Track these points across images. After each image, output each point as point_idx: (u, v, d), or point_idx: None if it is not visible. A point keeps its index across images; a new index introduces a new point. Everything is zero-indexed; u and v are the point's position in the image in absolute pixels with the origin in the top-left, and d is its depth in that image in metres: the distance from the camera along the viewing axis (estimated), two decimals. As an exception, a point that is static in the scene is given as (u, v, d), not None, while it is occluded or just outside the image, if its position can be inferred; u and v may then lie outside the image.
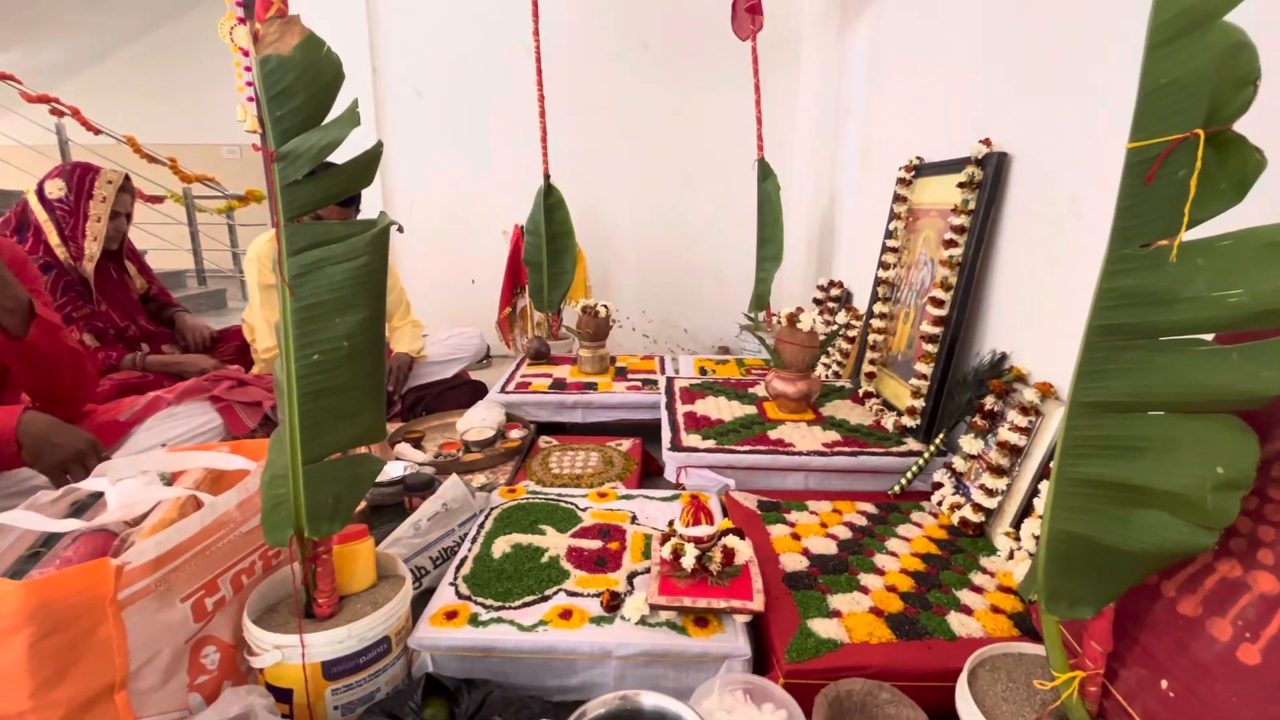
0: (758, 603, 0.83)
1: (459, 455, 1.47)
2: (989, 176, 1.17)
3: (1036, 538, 0.89)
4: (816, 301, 1.95)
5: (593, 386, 1.77)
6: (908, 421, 1.26)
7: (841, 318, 1.61)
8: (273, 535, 0.73)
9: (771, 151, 2.13)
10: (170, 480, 0.81)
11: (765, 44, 2.11)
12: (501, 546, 1.00)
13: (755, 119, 2.05)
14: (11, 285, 1.05)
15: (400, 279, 2.16)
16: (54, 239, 1.57)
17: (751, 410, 1.42)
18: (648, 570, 0.94)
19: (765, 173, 2.04)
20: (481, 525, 1.07)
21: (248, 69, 2.53)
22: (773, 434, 1.28)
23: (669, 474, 1.23)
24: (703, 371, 1.86)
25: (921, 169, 1.46)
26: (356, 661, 0.76)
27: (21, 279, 1.26)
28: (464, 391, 2.01)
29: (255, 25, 0.63)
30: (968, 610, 0.84)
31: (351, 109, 0.66)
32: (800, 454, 1.19)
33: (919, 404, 1.25)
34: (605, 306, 1.86)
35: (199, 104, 5.90)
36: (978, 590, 0.88)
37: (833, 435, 1.28)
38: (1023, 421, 0.97)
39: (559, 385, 1.79)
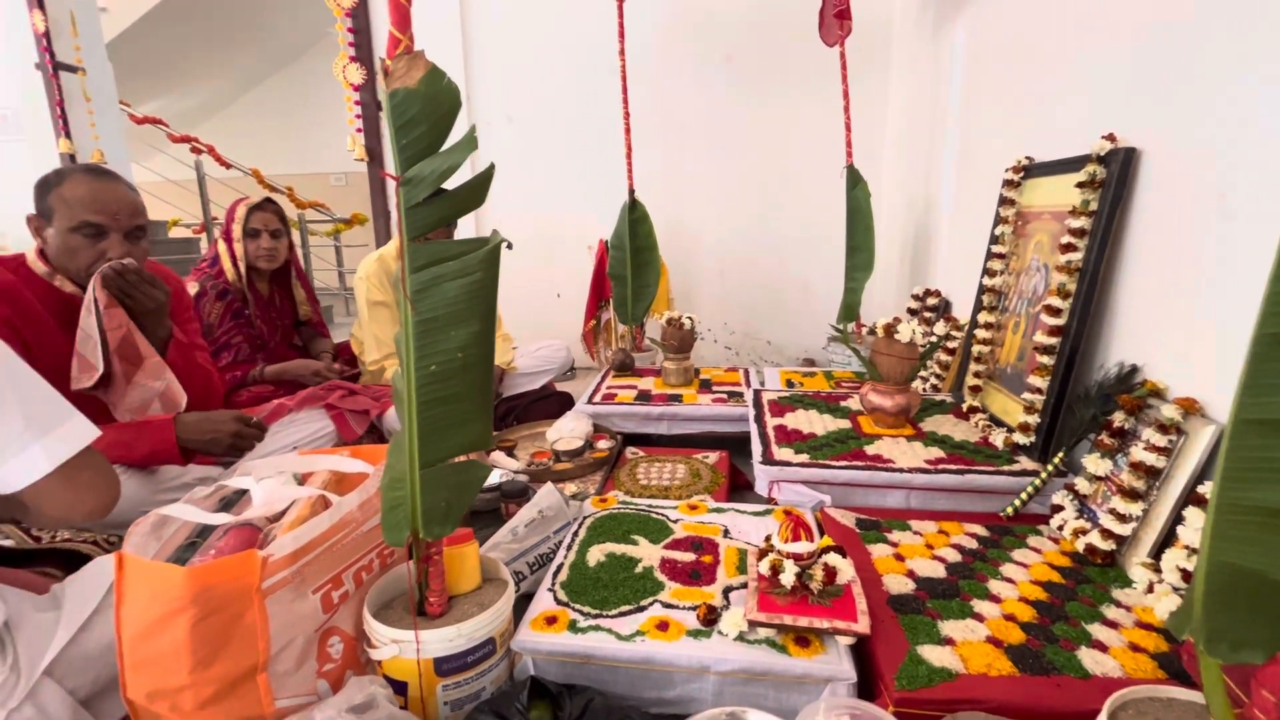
0: (863, 625, 0.79)
1: (550, 464, 1.51)
2: (1113, 175, 1.08)
3: (1182, 570, 0.81)
4: (911, 311, 1.86)
5: (678, 398, 1.77)
6: (1020, 439, 1.18)
7: (940, 328, 1.53)
8: (391, 535, 0.78)
9: (860, 158, 2.07)
10: (302, 480, 0.88)
11: (853, 49, 2.07)
12: (596, 555, 1.02)
13: (844, 125, 2.00)
14: (165, 319, 1.24)
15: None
16: (226, 263, 1.78)
17: (845, 424, 1.37)
18: (744, 585, 0.92)
19: (855, 180, 1.98)
20: (576, 533, 1.09)
21: (357, 103, 2.75)
22: (869, 449, 1.23)
23: (760, 488, 1.21)
24: (790, 384, 1.83)
25: (1031, 169, 1.37)
26: (465, 660, 0.79)
27: (176, 308, 1.45)
28: (552, 402, 2.07)
29: (386, 61, 0.69)
30: (1101, 646, 0.76)
31: (469, 135, 0.70)
32: (901, 471, 1.14)
33: (1033, 420, 1.16)
34: (690, 319, 1.86)
35: (310, 137, 6.47)
36: (1112, 625, 0.80)
37: (935, 452, 1.22)
38: (1161, 441, 0.88)
39: (644, 397, 1.80)
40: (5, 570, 0.94)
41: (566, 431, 1.60)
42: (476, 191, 0.74)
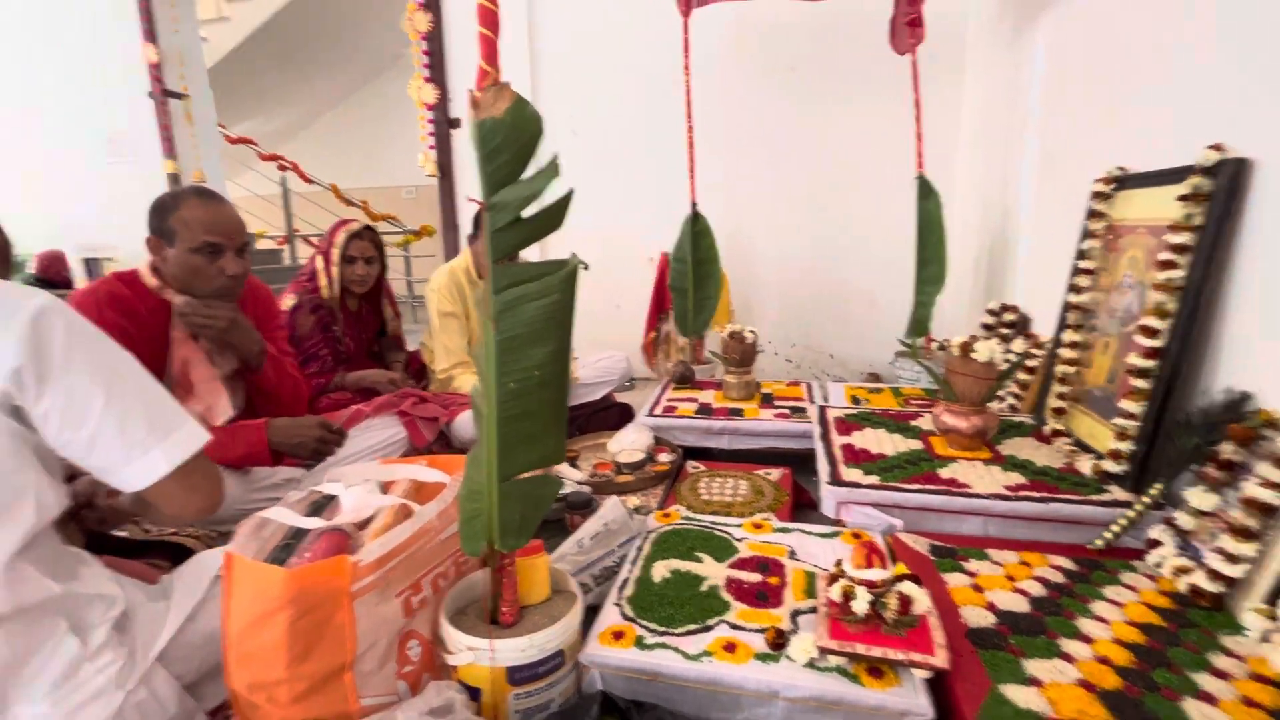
0: (941, 658, 0.76)
1: (612, 476, 1.53)
2: (1221, 187, 1.01)
3: (1304, 619, 0.74)
4: (986, 327, 1.79)
5: (739, 413, 1.76)
6: (1111, 466, 1.11)
7: (1018, 345, 1.46)
8: (469, 545, 0.81)
9: (930, 168, 2.01)
10: (384, 488, 0.92)
11: (923, 56, 2.01)
12: (661, 571, 1.02)
13: (915, 135, 1.95)
14: (252, 333, 1.34)
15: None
16: (321, 279, 1.91)
17: (916, 445, 1.32)
18: (813, 610, 0.91)
19: (926, 190, 1.92)
20: (640, 548, 1.10)
21: (430, 121, 2.87)
22: (944, 472, 1.19)
23: (827, 509, 1.19)
24: (855, 400, 1.78)
25: (1124, 181, 1.29)
26: (536, 670, 0.81)
27: (264, 317, 1.56)
28: (612, 413, 2.09)
29: (474, 93, 0.72)
30: (1209, 699, 0.71)
31: (551, 163, 0.73)
32: (979, 497, 1.09)
33: (1125, 447, 1.09)
34: (752, 332, 1.85)
35: (383, 153, 6.80)
36: (1221, 675, 0.74)
37: (1015, 477, 1.16)
38: (1278, 476, 0.81)
39: (705, 410, 1.80)
40: (121, 560, 1.02)
41: (628, 444, 1.61)
42: (555, 215, 0.76)
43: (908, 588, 0.81)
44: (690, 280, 2.16)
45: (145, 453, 0.78)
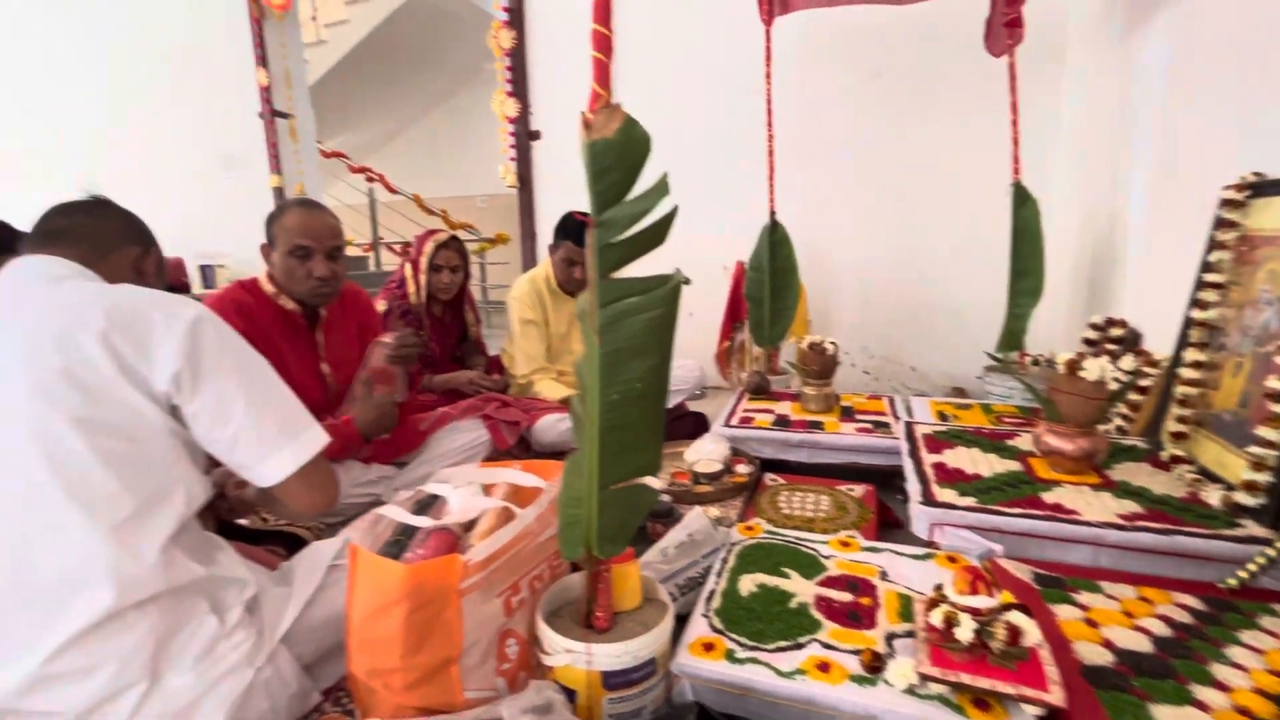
0: (1055, 695, 0.72)
1: (690, 486, 1.53)
2: (1381, 195, 0.91)
3: None
4: (1088, 342, 1.68)
5: (818, 426, 1.72)
6: (1244, 499, 1.02)
7: (1128, 363, 1.37)
8: (568, 549, 0.84)
9: (1027, 174, 1.91)
10: (486, 491, 0.96)
11: (1021, 58, 1.92)
12: (748, 585, 1.02)
13: (1011, 140, 1.86)
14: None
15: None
16: (410, 286, 2.02)
17: (1014, 466, 1.26)
18: (909, 634, 0.88)
19: (1022, 198, 1.83)
20: (725, 560, 1.10)
21: (511, 134, 2.98)
22: (1047, 497, 1.12)
23: (919, 530, 1.15)
24: (942, 416, 1.71)
25: (1261, 188, 1.19)
26: (630, 676, 0.82)
27: (368, 321, 1.67)
28: (686, 422, 2.10)
29: (586, 114, 0.75)
30: (1375, 763, 0.64)
31: (661, 182, 0.74)
32: (1090, 525, 1.03)
33: (1262, 478, 1.00)
34: (833, 344, 1.81)
35: (460, 164, 7.10)
36: (1387, 738, 0.67)
37: (1130, 505, 1.08)
38: None
39: (782, 422, 1.77)
40: (246, 546, 1.11)
41: (705, 454, 1.61)
42: (660, 231, 0.78)
43: (1017, 618, 0.78)
44: (767, 290, 2.14)
45: (276, 451, 0.85)
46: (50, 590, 0.73)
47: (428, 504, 0.96)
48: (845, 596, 0.97)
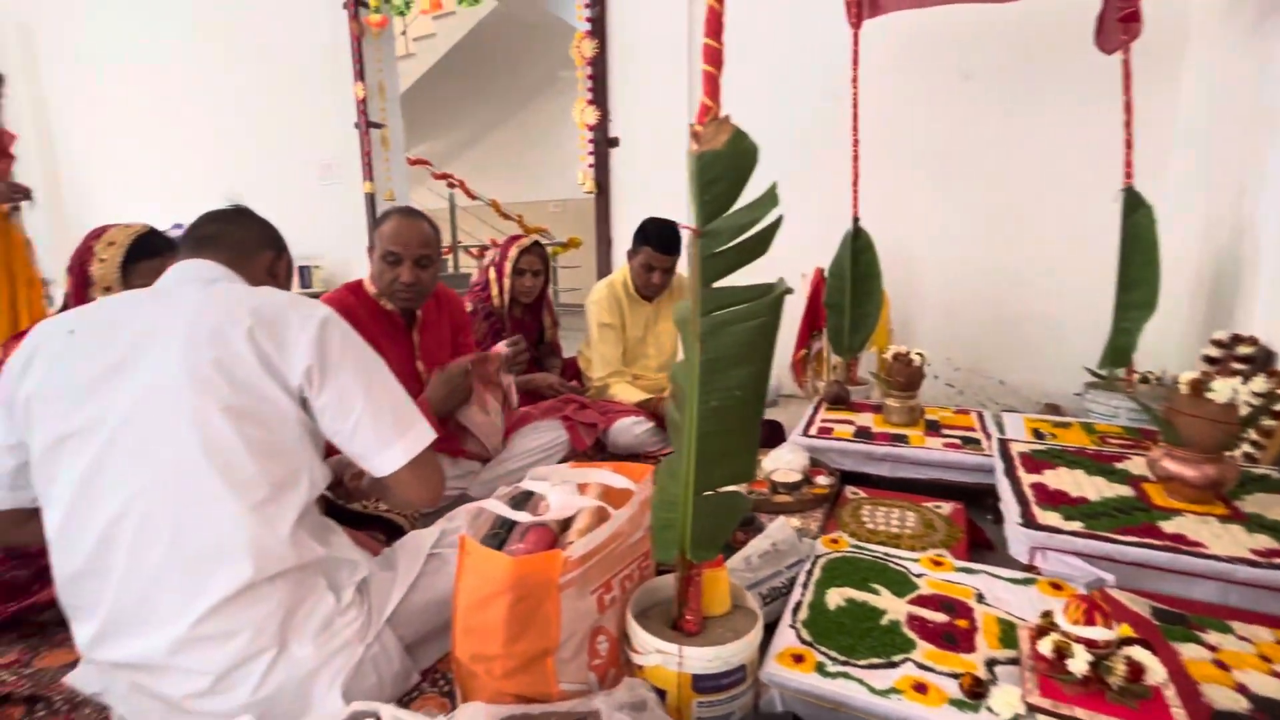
0: (1183, 740, 0.68)
1: (769, 495, 1.52)
2: None
3: None
4: (1209, 360, 1.55)
5: (903, 439, 1.67)
6: (1403, 540, 0.92)
7: (1259, 384, 1.25)
8: (661, 551, 0.85)
9: (1139, 179, 1.78)
10: (579, 490, 0.99)
11: (1135, 54, 1.80)
12: (835, 599, 1.00)
13: (1124, 142, 1.75)
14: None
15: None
16: (494, 289, 2.11)
17: (1126, 491, 1.18)
18: (1012, 661, 0.84)
19: (1135, 204, 1.71)
20: (810, 572, 1.08)
21: (590, 140, 3.05)
22: (1166, 526, 1.05)
23: (1016, 553, 1.10)
24: (1038, 434, 1.62)
25: None
26: (720, 681, 0.83)
27: (460, 322, 1.75)
28: (762, 429, 2.08)
29: (695, 127, 0.77)
30: None
31: (770, 192, 0.75)
32: (1219, 560, 0.95)
33: None
34: (919, 355, 1.75)
35: (534, 170, 7.31)
36: None
37: (1265, 540, 1.00)
38: None
39: (864, 434, 1.73)
40: (351, 530, 1.19)
41: (784, 463, 1.59)
42: (763, 241, 0.78)
43: (1139, 653, 0.73)
44: (848, 297, 2.10)
45: (390, 444, 0.92)
46: (199, 561, 0.81)
47: (523, 500, 0.99)
48: (940, 617, 0.94)
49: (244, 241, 0.99)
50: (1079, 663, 0.74)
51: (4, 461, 0.87)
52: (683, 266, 2.25)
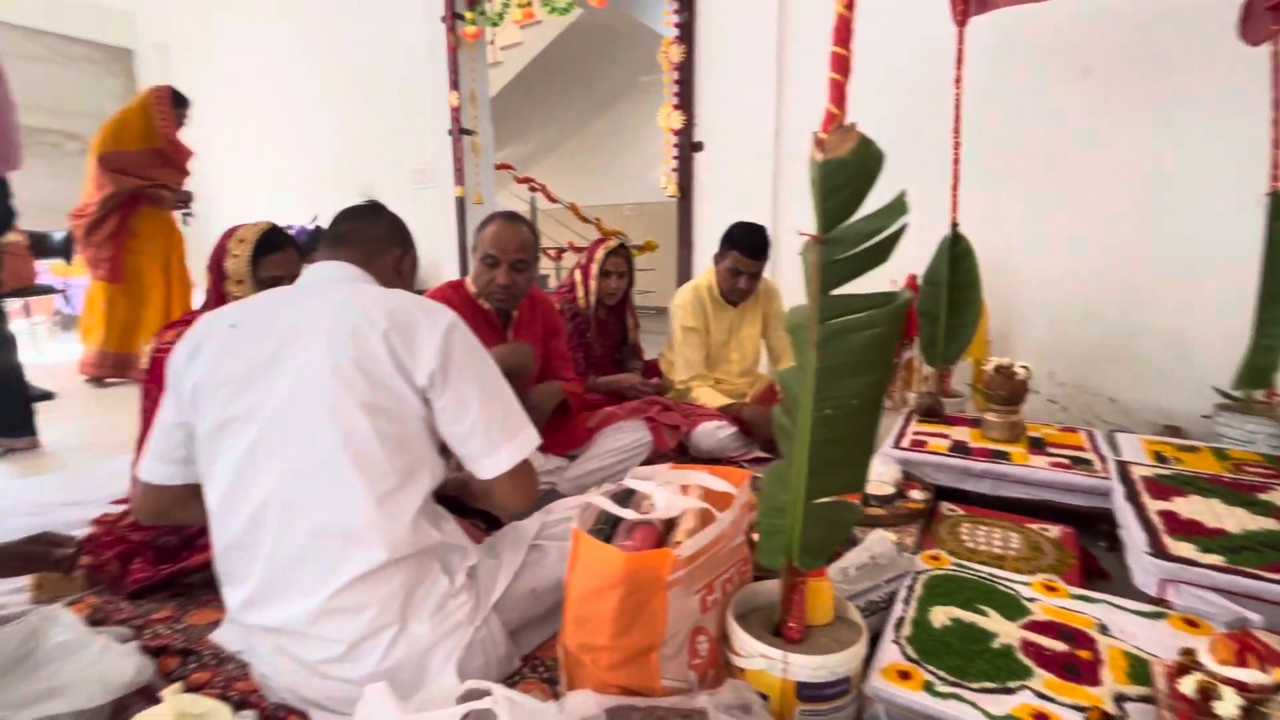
0: (1356, 802, 0.62)
1: (861, 507, 1.48)
2: None
3: None
4: (1369, 385, 1.39)
5: (1004, 456, 1.59)
6: None
7: None
8: (767, 558, 0.86)
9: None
10: (682, 490, 1.01)
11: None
12: (940, 617, 0.97)
13: (1271, 142, 1.59)
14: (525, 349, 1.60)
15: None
16: (579, 291, 2.17)
17: (1273, 525, 1.08)
18: (1145, 699, 0.79)
19: (1280, 210, 1.56)
20: (911, 588, 1.05)
21: (675, 145, 3.07)
22: (1323, 566, 0.95)
23: (1143, 584, 1.03)
24: (1160, 458, 1.51)
25: None
26: (824, 691, 0.82)
27: (552, 323, 1.81)
28: (847, 439, 2.03)
29: (819, 135, 0.77)
30: None
31: (899, 200, 0.74)
32: (1391, 606, 0.86)
33: None
34: (1024, 367, 1.66)
35: (611, 174, 7.43)
36: None
37: None
38: None
39: (960, 449, 1.66)
40: (457, 518, 1.25)
41: (875, 475, 1.55)
42: (885, 248, 0.77)
43: (1302, 702, 0.67)
44: (944, 306, 2.01)
45: (498, 449, 0.97)
46: (337, 541, 0.88)
47: (624, 497, 1.02)
48: (1059, 645, 0.90)
49: (375, 240, 1.06)
50: (1228, 706, 0.69)
51: (174, 437, 0.98)
52: (768, 272, 2.24)
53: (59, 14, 5.32)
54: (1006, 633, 0.93)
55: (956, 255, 2.00)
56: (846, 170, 0.75)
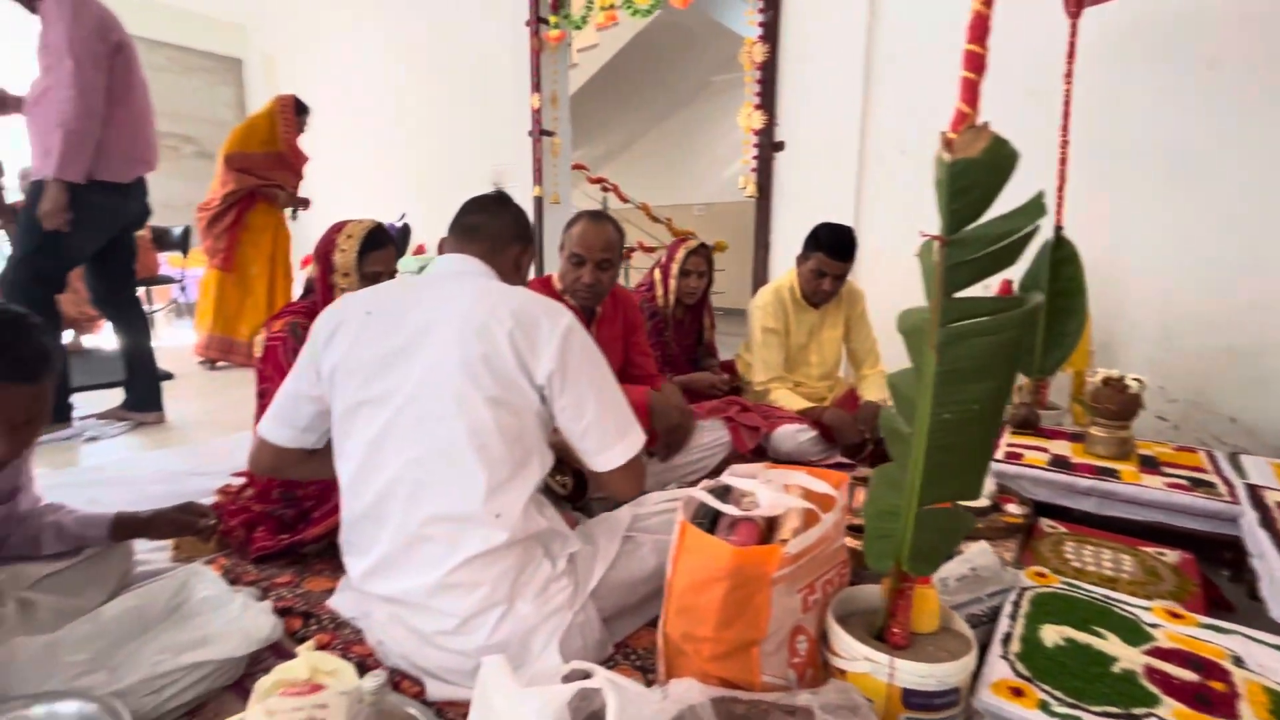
0: None
1: (953, 517, 1.44)
2: None
3: None
4: None
5: (1112, 474, 1.50)
6: None
7: None
8: (876, 561, 0.85)
9: None
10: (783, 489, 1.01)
11: None
12: (1052, 636, 0.93)
13: None
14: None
15: (873, 329, 2.27)
16: (659, 290, 2.20)
17: None
18: (1292, 739, 0.74)
19: None
20: (1017, 604, 1.02)
21: (755, 145, 3.05)
22: None
23: (1282, 616, 0.95)
24: (1294, 483, 1.38)
25: None
26: (931, 700, 0.81)
27: (635, 320, 1.83)
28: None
29: (948, 134, 0.75)
30: None
31: (1035, 202, 0.72)
32: None
33: None
34: (1138, 380, 1.57)
35: (681, 175, 7.44)
36: None
37: None
38: None
39: (1061, 464, 1.58)
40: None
41: (969, 486, 1.50)
42: (1013, 251, 0.75)
43: None
44: (1043, 314, 1.92)
45: (611, 446, 1.00)
46: (457, 523, 0.94)
47: (721, 494, 1.03)
48: (1188, 675, 0.85)
49: (500, 235, 1.11)
50: (1400, 754, 0.63)
51: (305, 408, 1.06)
52: (853, 276, 2.19)
53: (178, 27, 5.82)
54: (1128, 658, 0.88)
55: (1060, 260, 1.90)
56: (977, 171, 0.73)
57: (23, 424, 0.85)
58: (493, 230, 1.10)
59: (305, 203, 3.59)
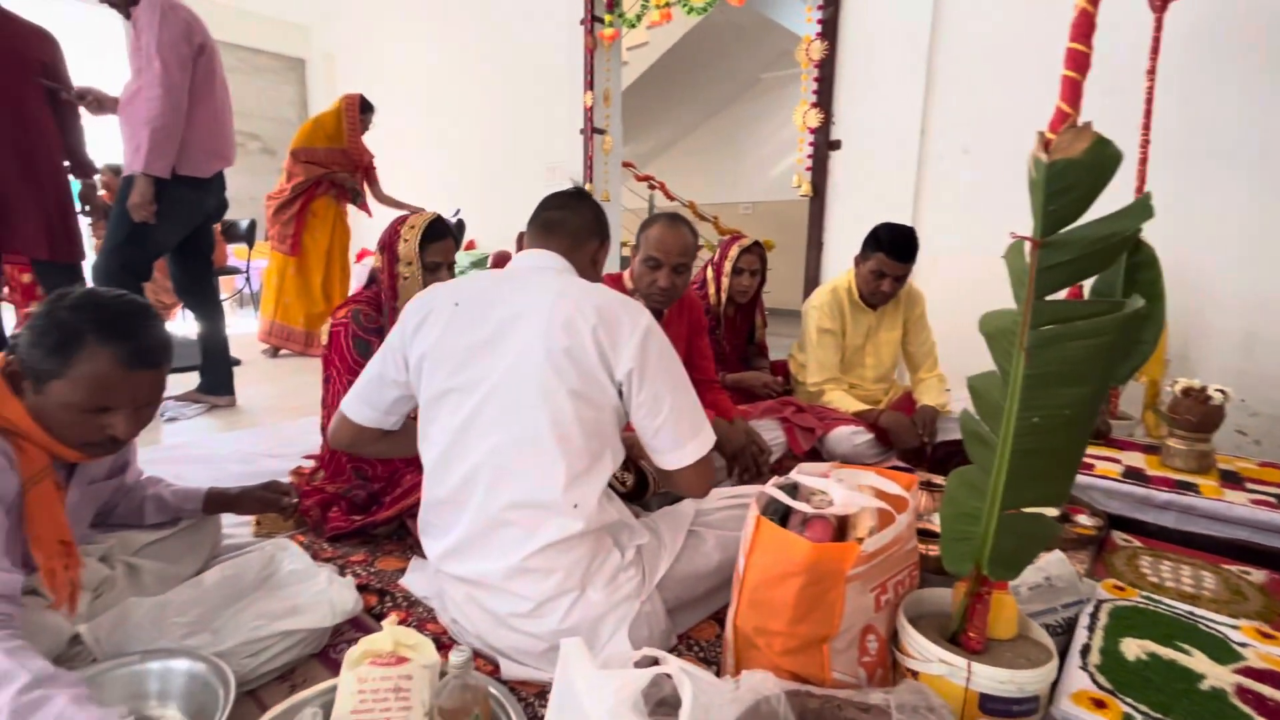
0: None
1: (1020, 525, 1.41)
2: None
3: None
4: None
5: (1191, 488, 1.44)
6: None
7: None
8: (954, 564, 0.84)
9: None
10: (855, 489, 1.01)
11: None
12: (1133, 649, 0.91)
13: None
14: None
15: (931, 332, 2.22)
16: (711, 288, 2.20)
17: None
18: (1404, 769, 0.71)
19: None
20: (1094, 615, 0.99)
21: (811, 144, 3.02)
22: None
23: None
24: (1396, 506, 1.30)
25: None
26: (1010, 707, 0.80)
27: (700, 325, 1.82)
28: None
29: (1046, 134, 0.74)
30: None
31: (1142, 203, 0.71)
32: None
33: None
34: (1221, 391, 1.50)
35: (726, 173, 7.40)
36: None
37: None
38: None
39: (1135, 475, 1.52)
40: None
41: (1036, 494, 1.46)
42: (1111, 254, 0.74)
43: None
44: (1116, 319, 1.85)
45: (683, 445, 1.02)
46: (536, 510, 0.97)
47: (790, 491, 1.04)
48: (1284, 697, 0.81)
49: (579, 231, 1.13)
50: None
51: (389, 393, 1.10)
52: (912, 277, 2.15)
53: (247, 29, 6.08)
54: (1216, 676, 0.86)
55: (1136, 265, 1.81)
56: (1077, 171, 0.72)
57: (145, 406, 0.92)
58: (573, 226, 1.13)
59: (363, 202, 3.73)
